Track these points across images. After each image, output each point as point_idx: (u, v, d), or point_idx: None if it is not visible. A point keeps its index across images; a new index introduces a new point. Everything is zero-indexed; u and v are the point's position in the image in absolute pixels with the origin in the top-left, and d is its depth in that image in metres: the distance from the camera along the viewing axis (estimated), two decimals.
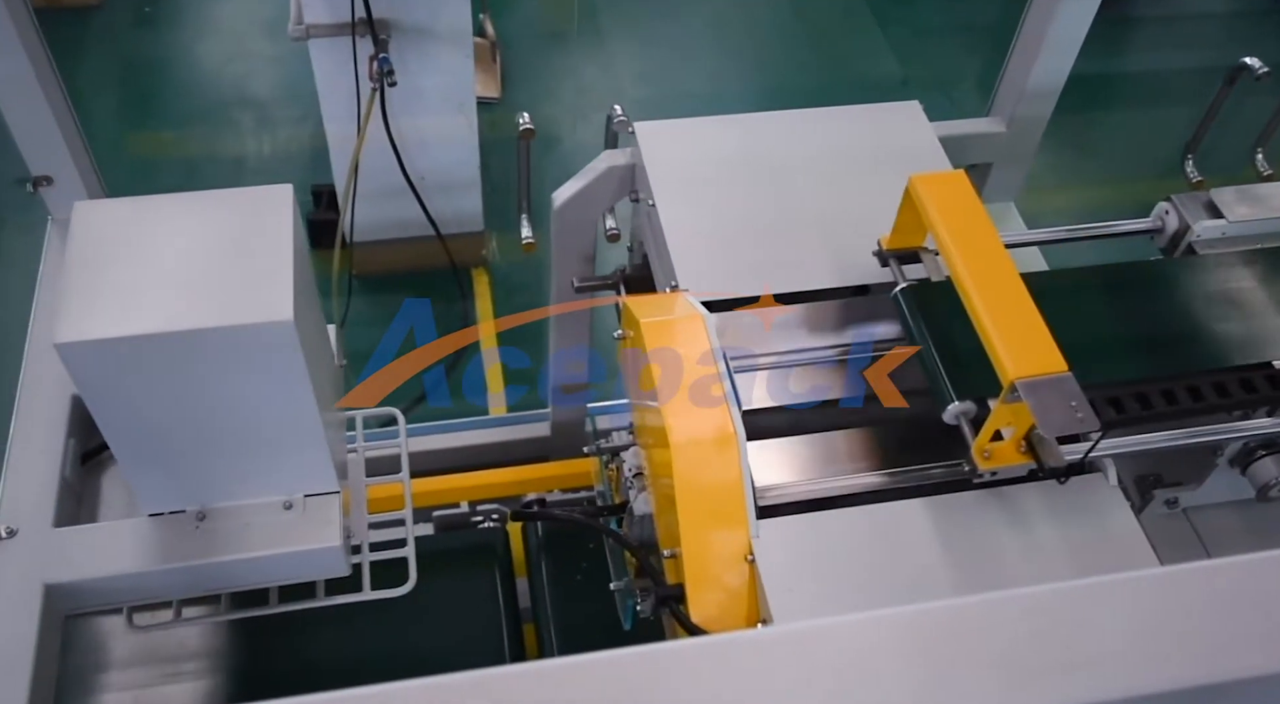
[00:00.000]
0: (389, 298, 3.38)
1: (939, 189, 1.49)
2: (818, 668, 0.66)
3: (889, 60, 4.52)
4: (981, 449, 1.38)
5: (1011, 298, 1.37)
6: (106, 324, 1.17)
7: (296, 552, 1.44)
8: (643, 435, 1.61)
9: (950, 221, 1.45)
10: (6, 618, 1.33)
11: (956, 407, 1.43)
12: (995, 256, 1.42)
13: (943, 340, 1.47)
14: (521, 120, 1.94)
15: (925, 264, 1.60)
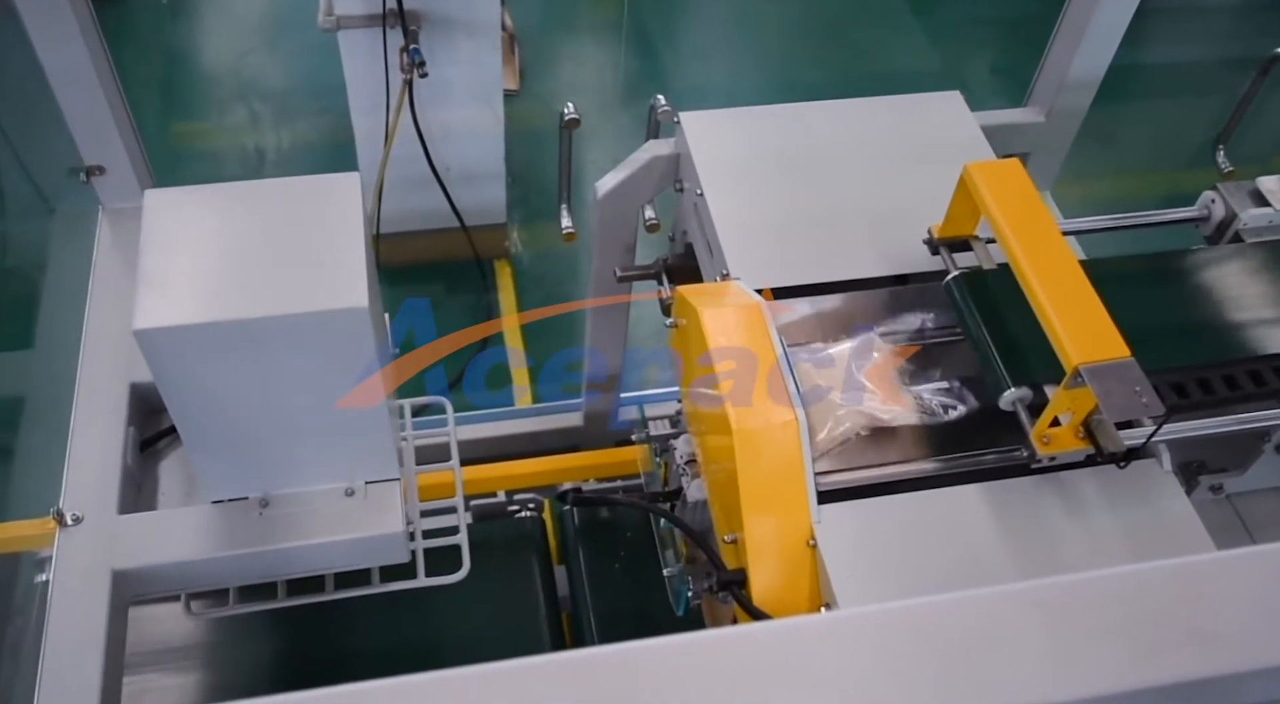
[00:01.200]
0: (413, 289, 3.39)
1: (995, 177, 1.50)
2: (949, 641, 0.67)
3: (907, 53, 4.52)
4: (1040, 435, 1.40)
5: (1071, 284, 1.38)
6: (184, 311, 1.18)
7: (359, 538, 1.45)
8: (696, 422, 1.62)
9: (1007, 209, 1.46)
10: (77, 604, 1.34)
11: (1013, 393, 1.44)
12: (1053, 243, 1.43)
13: (997, 328, 1.48)
14: (567, 110, 1.94)
15: (976, 252, 1.61)
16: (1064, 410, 1.38)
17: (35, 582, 2.03)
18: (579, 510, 2.33)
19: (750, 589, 1.38)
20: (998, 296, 1.51)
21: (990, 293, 1.53)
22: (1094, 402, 1.36)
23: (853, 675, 0.65)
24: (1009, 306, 1.49)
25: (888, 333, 1.65)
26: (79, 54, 1.53)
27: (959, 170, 1.82)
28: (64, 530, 1.41)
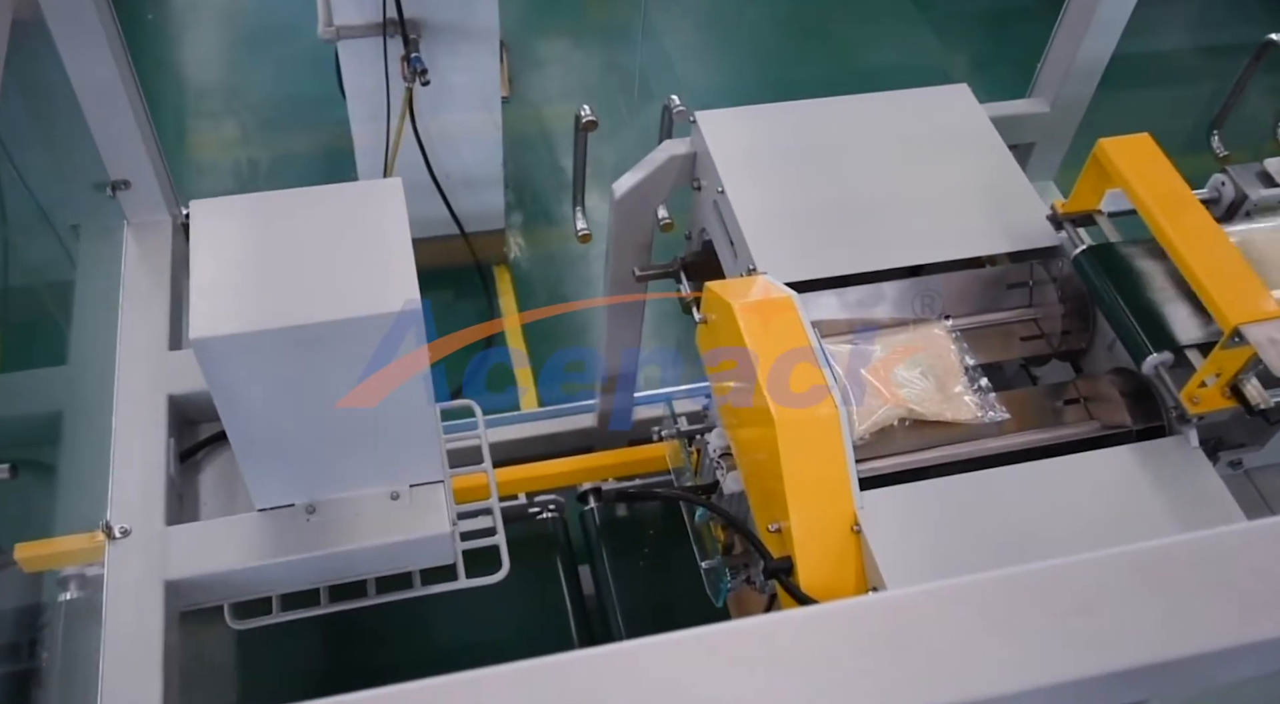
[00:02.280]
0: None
1: (1130, 152, 1.56)
2: (1061, 605, 0.69)
3: (890, 49, 4.57)
4: (1191, 395, 1.44)
5: (1219, 249, 1.44)
6: (240, 319, 1.19)
7: (406, 540, 1.46)
8: (730, 415, 1.64)
9: (1147, 182, 1.52)
10: (134, 616, 1.35)
11: (1156, 357, 1.48)
12: (1196, 212, 1.49)
13: (1132, 297, 1.53)
14: (584, 112, 1.96)
15: (1102, 226, 1.67)
16: (1214, 371, 1.42)
17: (59, 601, 2.03)
18: (600, 510, 2.35)
19: (798, 576, 1.40)
20: (1128, 267, 1.57)
21: (1121, 264, 1.58)
22: (1243, 361, 1.40)
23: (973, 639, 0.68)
24: (1141, 276, 1.56)
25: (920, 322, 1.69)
26: (109, 71, 1.54)
27: (974, 159, 1.87)
28: (114, 543, 1.42)
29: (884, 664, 0.64)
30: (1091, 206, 1.69)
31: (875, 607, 0.68)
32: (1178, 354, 1.47)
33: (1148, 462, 1.47)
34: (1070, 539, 1.39)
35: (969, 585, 0.70)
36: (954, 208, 1.77)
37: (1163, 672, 0.68)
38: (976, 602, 0.69)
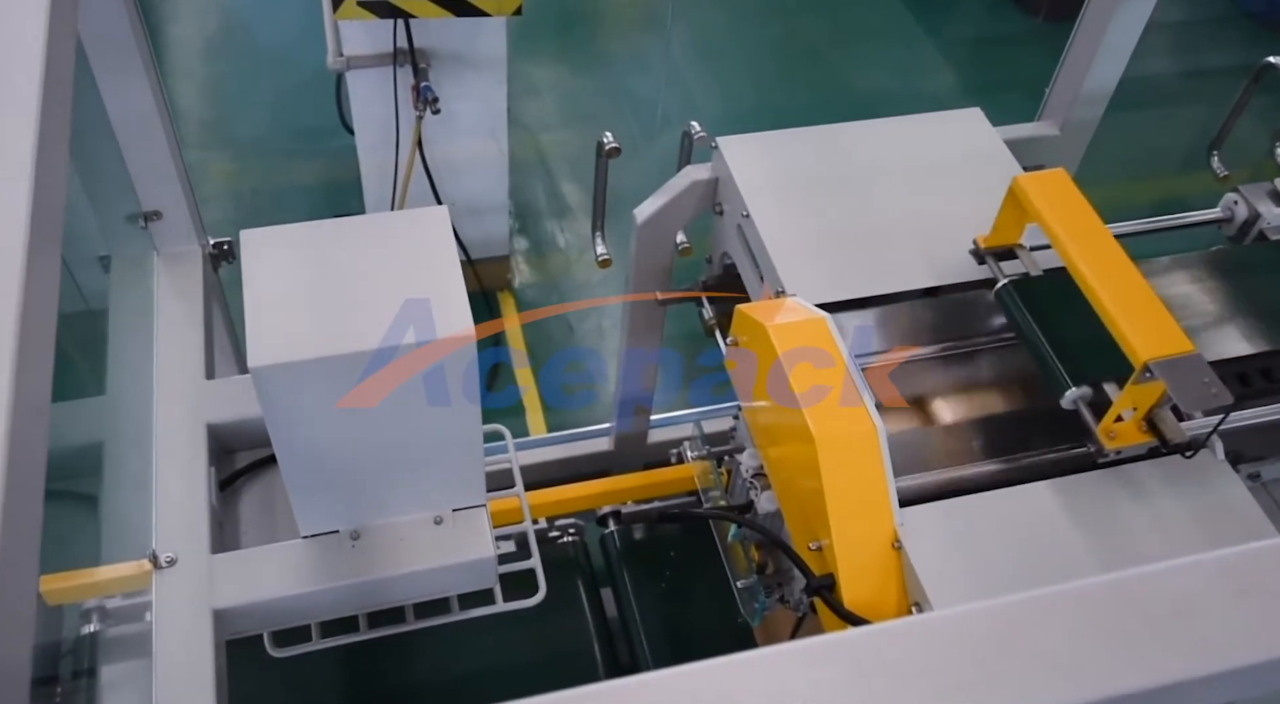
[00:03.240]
0: None
1: (1045, 187, 1.57)
2: (1148, 613, 0.71)
3: (884, 74, 4.64)
4: (1107, 430, 1.46)
5: (1130, 284, 1.46)
6: (297, 347, 1.20)
7: (451, 565, 1.47)
8: (765, 434, 1.66)
9: (1060, 216, 1.53)
10: (184, 645, 1.35)
11: (1074, 392, 1.50)
12: (1107, 247, 1.50)
13: (1052, 330, 1.55)
14: (606, 139, 1.99)
15: (1022, 260, 1.68)
16: (1129, 406, 1.45)
17: (83, 634, 2.02)
18: (620, 533, 2.36)
19: (840, 593, 1.42)
20: (1049, 301, 1.58)
21: (1042, 297, 1.60)
22: (1157, 396, 1.43)
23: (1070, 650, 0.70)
24: (1061, 310, 1.56)
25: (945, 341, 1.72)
26: (146, 104, 1.56)
27: (991, 182, 1.91)
28: (160, 572, 1.42)
29: (1005, 668, 0.66)
30: (1013, 240, 1.70)
31: (985, 614, 0.70)
32: (1095, 388, 1.49)
33: (1176, 476, 1.50)
34: (1104, 556, 1.41)
35: (1068, 592, 0.73)
36: (972, 230, 1.81)
37: (1254, 673, 0.71)
38: (1077, 608, 0.71)
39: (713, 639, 2.19)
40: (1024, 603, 0.71)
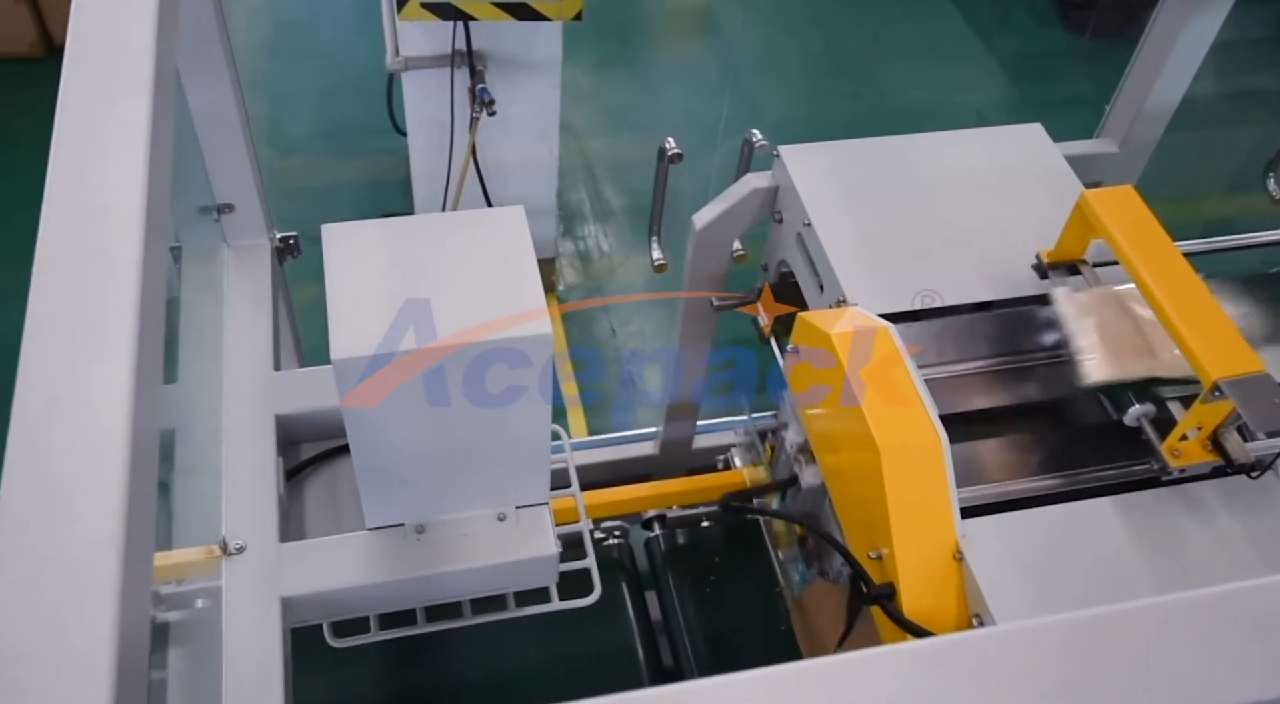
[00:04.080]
0: None
1: (1113, 204, 1.57)
2: (1237, 629, 0.72)
3: (926, 88, 4.64)
4: (1171, 448, 1.46)
5: (1199, 303, 1.46)
6: (379, 340, 1.22)
7: (514, 561, 1.48)
8: (823, 441, 1.67)
9: (1129, 233, 1.53)
10: (253, 632, 1.37)
11: (1138, 409, 1.51)
12: (1176, 265, 1.51)
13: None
14: (668, 145, 2.01)
15: (1085, 276, 1.69)
16: (1194, 424, 1.45)
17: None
18: (665, 537, 2.38)
19: (900, 602, 1.43)
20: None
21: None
22: (1224, 415, 1.43)
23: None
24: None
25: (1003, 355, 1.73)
26: (226, 100, 1.59)
27: (1052, 198, 1.91)
28: (229, 559, 1.44)
29: (1087, 680, 0.67)
30: (1076, 256, 1.71)
31: (1082, 623, 0.71)
32: (1160, 405, 1.49)
33: (1241, 495, 1.50)
34: (1164, 574, 1.42)
35: (1161, 606, 0.73)
36: (1033, 245, 1.81)
37: None
38: (1171, 622, 0.72)
39: (756, 645, 2.20)
40: (1114, 615, 0.72)
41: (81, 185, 0.90)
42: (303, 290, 2.07)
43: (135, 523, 0.72)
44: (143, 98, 0.96)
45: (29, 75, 4.21)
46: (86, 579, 0.68)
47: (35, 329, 0.80)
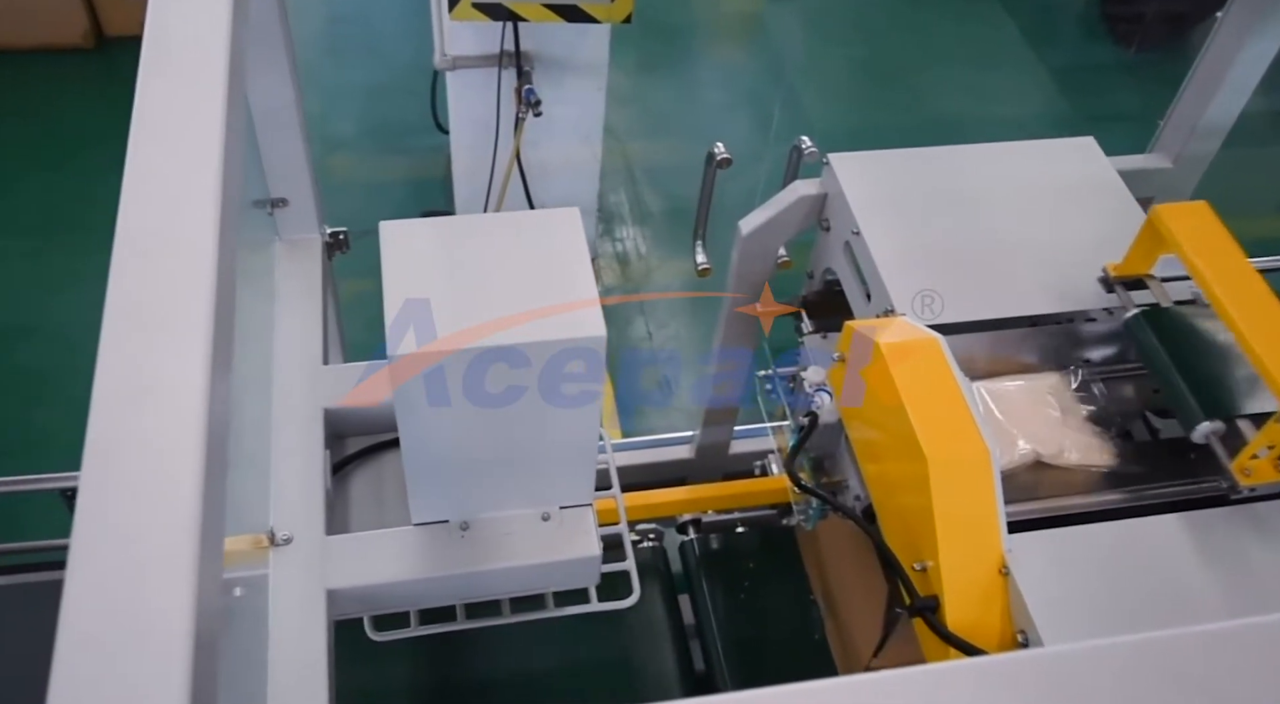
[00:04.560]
0: None
1: (1186, 218, 1.56)
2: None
3: (966, 97, 4.61)
4: (1242, 467, 1.45)
5: (1275, 320, 1.45)
6: (436, 337, 1.23)
7: (556, 561, 1.49)
8: (867, 450, 1.67)
9: (1202, 248, 1.53)
10: (299, 622, 1.38)
11: (1208, 426, 1.49)
12: (1251, 282, 1.50)
13: (1185, 362, 1.54)
14: (717, 150, 2.01)
15: (1153, 290, 1.68)
16: (1266, 444, 1.43)
17: None
18: (700, 541, 2.38)
19: (944, 615, 1.42)
20: (1184, 332, 1.58)
21: (1176, 328, 1.59)
22: None
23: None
24: (1196, 342, 1.56)
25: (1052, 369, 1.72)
26: (286, 95, 1.60)
27: (1105, 212, 1.90)
28: (276, 550, 1.45)
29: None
30: (1144, 271, 1.70)
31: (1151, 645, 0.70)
32: (1229, 423, 1.48)
33: None
34: (1224, 595, 1.40)
35: (1236, 630, 0.72)
36: (1085, 259, 1.80)
37: None
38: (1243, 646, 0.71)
39: (789, 653, 2.20)
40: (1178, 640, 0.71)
41: (159, 174, 0.91)
42: (344, 287, 2.09)
43: (209, 510, 0.73)
44: (218, 89, 0.97)
45: (80, 66, 4.27)
46: (165, 564, 0.68)
47: (115, 316, 0.81)
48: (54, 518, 2.18)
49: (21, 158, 3.91)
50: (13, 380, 3.21)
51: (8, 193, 3.77)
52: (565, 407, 1.33)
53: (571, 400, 1.33)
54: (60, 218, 3.67)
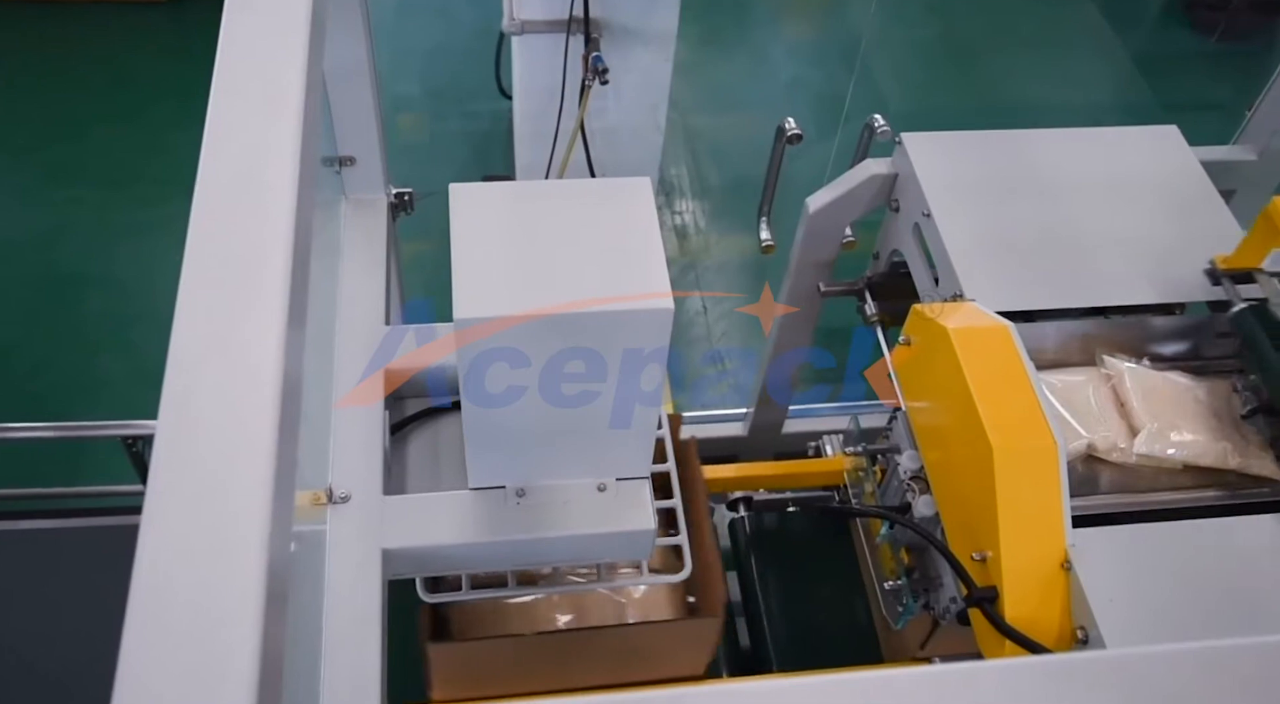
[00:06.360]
0: None
1: None
2: None
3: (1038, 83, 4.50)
4: None
5: None
6: (502, 303, 1.22)
7: (610, 533, 1.48)
8: (929, 436, 1.64)
9: None
10: (355, 580, 1.39)
11: None
12: None
13: None
14: (788, 125, 1.98)
15: (1262, 285, 1.63)
16: None
17: None
18: (751, 519, 2.36)
19: (1002, 607, 1.40)
20: None
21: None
22: None
23: None
24: None
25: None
26: (359, 53, 1.60)
27: (1184, 203, 1.85)
28: (334, 507, 1.46)
29: None
30: (1254, 264, 1.66)
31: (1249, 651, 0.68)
32: None
33: None
34: None
35: None
36: (1162, 250, 1.75)
37: None
38: None
39: (836, 634, 2.19)
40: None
41: (241, 128, 0.90)
42: (403, 248, 2.09)
43: (283, 459, 0.73)
44: (299, 44, 0.97)
45: (153, 19, 4.30)
46: (240, 513, 0.69)
47: (193, 268, 0.81)
48: (113, 464, 2.22)
49: (93, 109, 3.95)
50: (76, 328, 3.26)
51: (79, 143, 3.82)
52: (629, 377, 1.32)
53: (635, 372, 1.31)
54: (128, 169, 3.71)
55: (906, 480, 1.67)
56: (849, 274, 2.11)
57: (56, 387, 3.13)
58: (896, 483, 1.71)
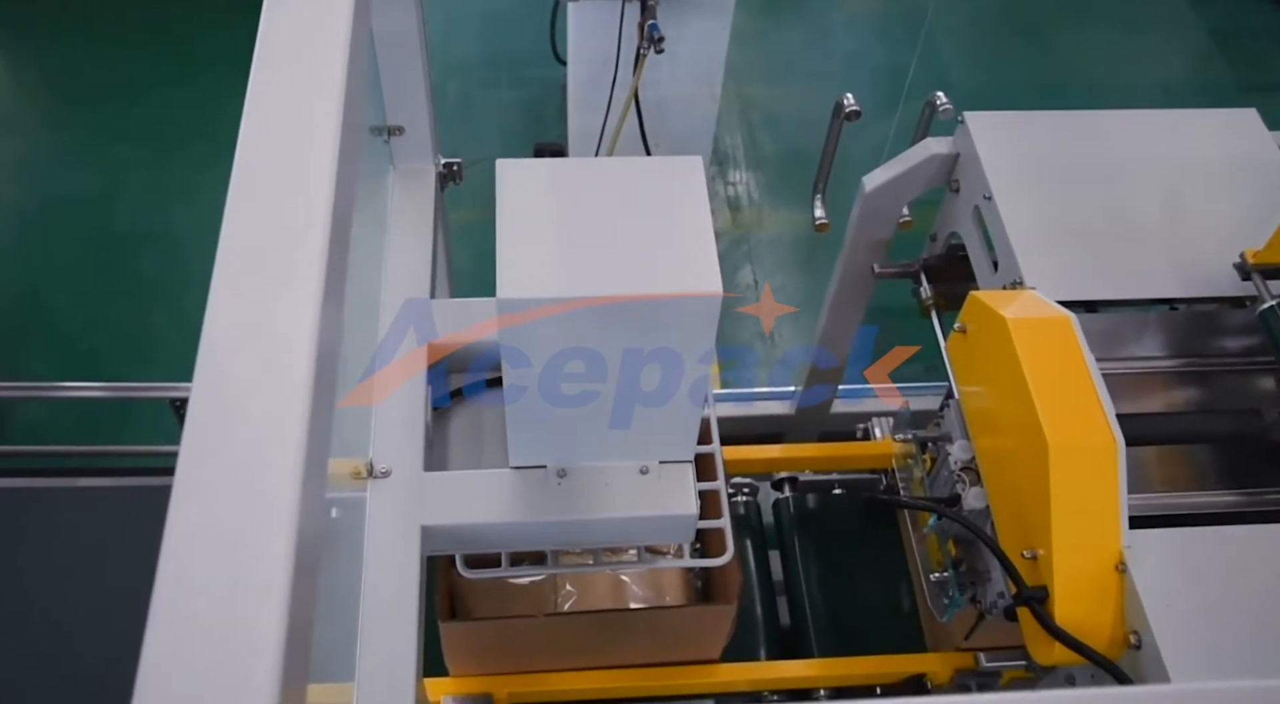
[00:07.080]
0: None
1: None
2: None
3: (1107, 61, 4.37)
4: None
5: None
6: (548, 284, 1.20)
7: (652, 516, 1.46)
8: (982, 423, 1.59)
9: None
10: (394, 555, 1.38)
11: None
12: None
13: None
14: (846, 101, 1.93)
15: None
16: None
17: None
18: (795, 500, 2.33)
19: (1052, 607, 1.36)
20: None
21: None
22: None
23: None
24: None
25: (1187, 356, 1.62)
26: (409, 22, 1.57)
27: (1260, 192, 1.77)
28: (374, 481, 1.45)
29: None
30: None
31: None
32: None
33: None
34: None
35: None
36: (1233, 241, 1.68)
37: None
38: None
39: (877, 619, 2.15)
40: None
41: (281, 100, 0.88)
42: (452, 217, 2.07)
43: (315, 439, 0.72)
44: (344, 15, 0.94)
45: None
46: (270, 487, 0.68)
47: (230, 244, 0.79)
48: (162, 424, 2.24)
49: (150, 70, 3.98)
50: (130, 287, 3.30)
51: (135, 104, 3.84)
52: (674, 360, 1.29)
53: (681, 356, 1.28)
54: (183, 129, 3.73)
55: (957, 471, 1.63)
56: (904, 255, 2.06)
57: (109, 345, 3.17)
58: (946, 473, 1.67)
